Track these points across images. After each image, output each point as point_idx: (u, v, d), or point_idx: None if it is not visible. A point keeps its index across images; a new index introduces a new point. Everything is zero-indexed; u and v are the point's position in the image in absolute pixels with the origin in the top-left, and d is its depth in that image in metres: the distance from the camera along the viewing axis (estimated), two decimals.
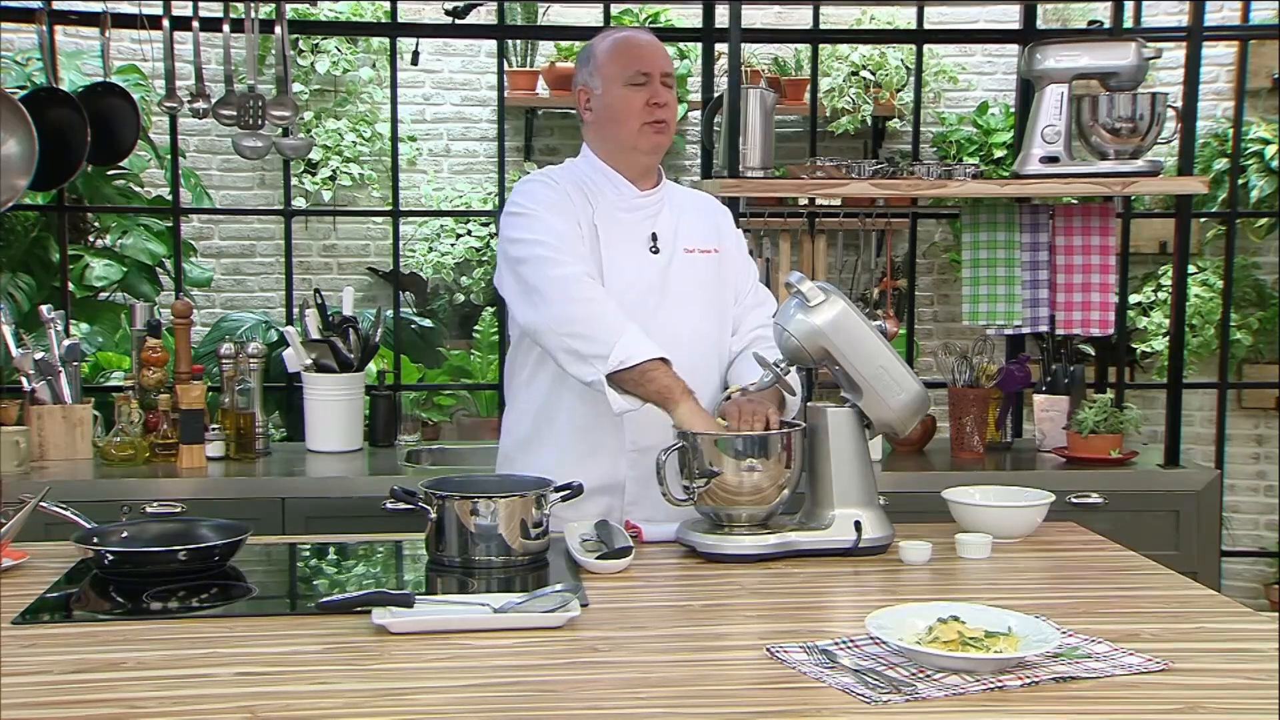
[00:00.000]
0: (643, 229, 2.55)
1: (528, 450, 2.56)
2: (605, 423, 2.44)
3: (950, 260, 5.41)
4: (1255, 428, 5.30)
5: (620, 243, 2.52)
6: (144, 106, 4.36)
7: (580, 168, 2.61)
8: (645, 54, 2.52)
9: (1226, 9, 5.05)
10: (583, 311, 2.34)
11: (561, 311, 2.36)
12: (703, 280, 2.57)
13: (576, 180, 2.56)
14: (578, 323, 2.34)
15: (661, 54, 2.54)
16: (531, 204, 2.51)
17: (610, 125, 2.54)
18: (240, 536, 2.19)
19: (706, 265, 2.58)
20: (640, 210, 2.56)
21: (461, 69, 5.60)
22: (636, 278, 2.51)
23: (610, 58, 2.52)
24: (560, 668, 1.70)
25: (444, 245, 5.42)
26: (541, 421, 2.55)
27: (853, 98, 5.27)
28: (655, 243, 2.55)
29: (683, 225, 2.59)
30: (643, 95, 2.50)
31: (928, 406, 2.35)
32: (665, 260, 2.54)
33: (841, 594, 2.12)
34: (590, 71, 2.55)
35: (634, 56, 2.51)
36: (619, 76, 2.50)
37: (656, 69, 2.51)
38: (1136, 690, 1.61)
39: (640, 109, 2.50)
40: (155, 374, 3.44)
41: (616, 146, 2.55)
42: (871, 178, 3.43)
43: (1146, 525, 3.27)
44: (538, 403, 2.56)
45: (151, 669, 1.69)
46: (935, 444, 3.63)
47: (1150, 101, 3.43)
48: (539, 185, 2.55)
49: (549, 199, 2.50)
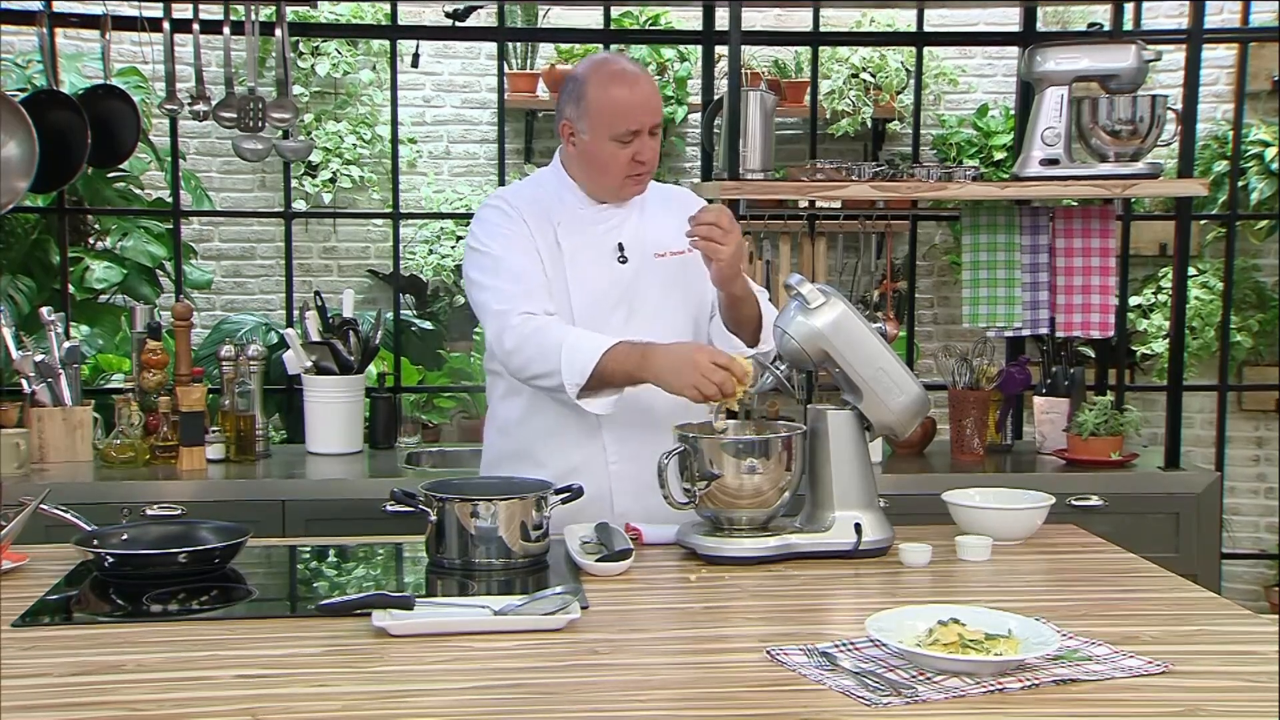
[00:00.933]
0: (609, 240, 2.52)
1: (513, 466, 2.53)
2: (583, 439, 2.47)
3: (950, 262, 5.41)
4: (1255, 430, 5.30)
5: (585, 257, 2.49)
6: (144, 109, 4.37)
7: (547, 182, 2.57)
8: (636, 113, 2.41)
9: (1226, 11, 5.06)
10: (534, 351, 2.37)
11: (517, 361, 2.41)
12: (673, 284, 2.53)
13: (538, 198, 2.52)
14: (533, 364, 2.38)
15: (652, 107, 2.44)
16: (488, 240, 2.49)
17: (591, 169, 2.48)
18: (240, 539, 2.19)
19: (677, 267, 2.52)
20: (605, 221, 2.52)
21: (462, 71, 5.61)
22: (603, 292, 2.49)
23: (600, 110, 2.41)
24: (560, 670, 1.70)
25: (444, 247, 5.42)
26: (522, 437, 2.54)
27: (853, 100, 5.27)
28: (622, 252, 2.51)
29: (651, 229, 2.54)
30: (629, 152, 2.43)
31: (928, 409, 2.35)
32: (634, 269, 2.51)
33: (842, 596, 2.12)
34: (578, 112, 2.44)
35: (625, 116, 2.41)
36: (606, 131, 2.42)
37: (646, 125, 2.43)
38: (1137, 693, 1.61)
39: (625, 164, 2.44)
40: (155, 376, 3.44)
41: (593, 185, 2.51)
42: (871, 180, 3.42)
43: (1147, 527, 3.27)
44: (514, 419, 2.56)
45: (152, 671, 1.69)
46: (935, 446, 3.63)
47: (1150, 104, 3.43)
48: (496, 214, 2.51)
49: (505, 234, 2.48)
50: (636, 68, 2.50)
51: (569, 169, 2.55)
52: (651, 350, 2.30)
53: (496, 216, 2.51)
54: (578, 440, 2.48)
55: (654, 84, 2.49)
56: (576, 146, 2.48)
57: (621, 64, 2.50)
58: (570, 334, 2.37)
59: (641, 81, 2.45)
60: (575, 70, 2.51)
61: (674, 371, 2.26)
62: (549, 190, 2.55)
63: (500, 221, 2.50)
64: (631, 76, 2.45)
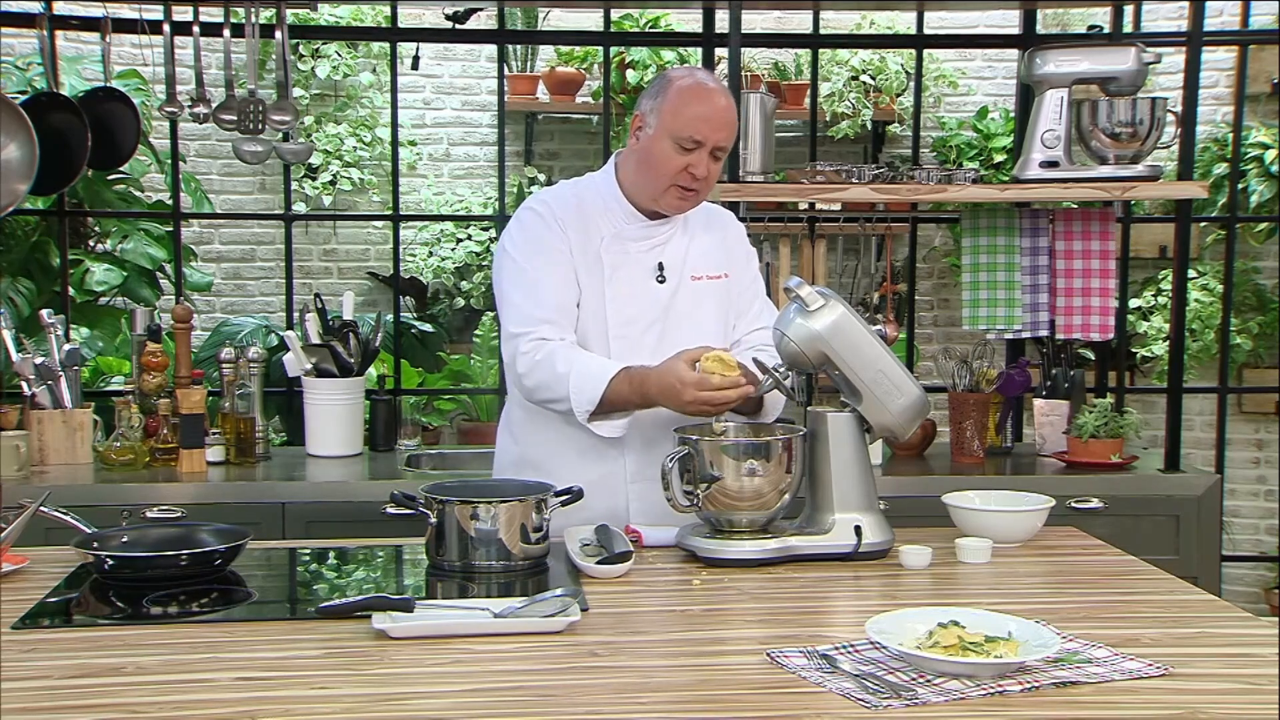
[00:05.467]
0: (649, 258, 2.51)
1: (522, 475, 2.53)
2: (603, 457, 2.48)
3: (950, 265, 5.41)
4: (1255, 432, 5.30)
5: (625, 274, 2.48)
6: (144, 111, 4.37)
7: (597, 187, 2.54)
8: (706, 126, 2.40)
9: (1226, 14, 5.07)
10: (544, 376, 2.40)
11: (528, 384, 2.44)
12: (708, 307, 2.54)
13: (583, 206, 2.50)
14: (542, 389, 2.41)
15: (722, 124, 2.42)
16: (523, 247, 2.48)
17: (645, 168, 2.46)
18: (240, 541, 2.19)
19: (713, 292, 2.54)
20: (649, 239, 2.51)
21: (462, 74, 5.61)
22: (639, 311, 2.48)
23: (672, 109, 2.41)
24: (560, 672, 1.70)
25: (444, 250, 5.42)
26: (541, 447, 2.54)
27: (853, 102, 5.27)
28: (662, 271, 2.51)
29: (693, 251, 2.54)
30: (685, 160, 2.41)
31: (927, 411, 2.35)
32: (671, 290, 2.51)
33: (842, 599, 2.12)
34: (654, 107, 2.44)
35: (692, 122, 2.40)
36: (672, 132, 2.40)
37: (710, 141, 2.41)
38: (1136, 695, 1.61)
39: (676, 171, 2.42)
40: (155, 379, 3.44)
41: (641, 188, 2.49)
42: (871, 182, 3.43)
43: (1146, 530, 3.27)
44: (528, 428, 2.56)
45: (151, 674, 1.69)
46: (935, 449, 3.63)
47: (1150, 106, 3.43)
48: (537, 221, 2.49)
49: (541, 245, 2.47)
50: (722, 88, 2.48)
51: (621, 171, 2.53)
52: (645, 380, 2.32)
53: (536, 224, 2.49)
54: (598, 458, 2.48)
55: (733, 109, 2.47)
56: (639, 140, 2.47)
57: (710, 80, 2.50)
58: (578, 361, 2.37)
59: (720, 98, 2.44)
60: (668, 70, 2.56)
61: (665, 398, 2.30)
62: (596, 198, 2.52)
63: (539, 230, 2.48)
64: (713, 91, 2.45)
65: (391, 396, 3.78)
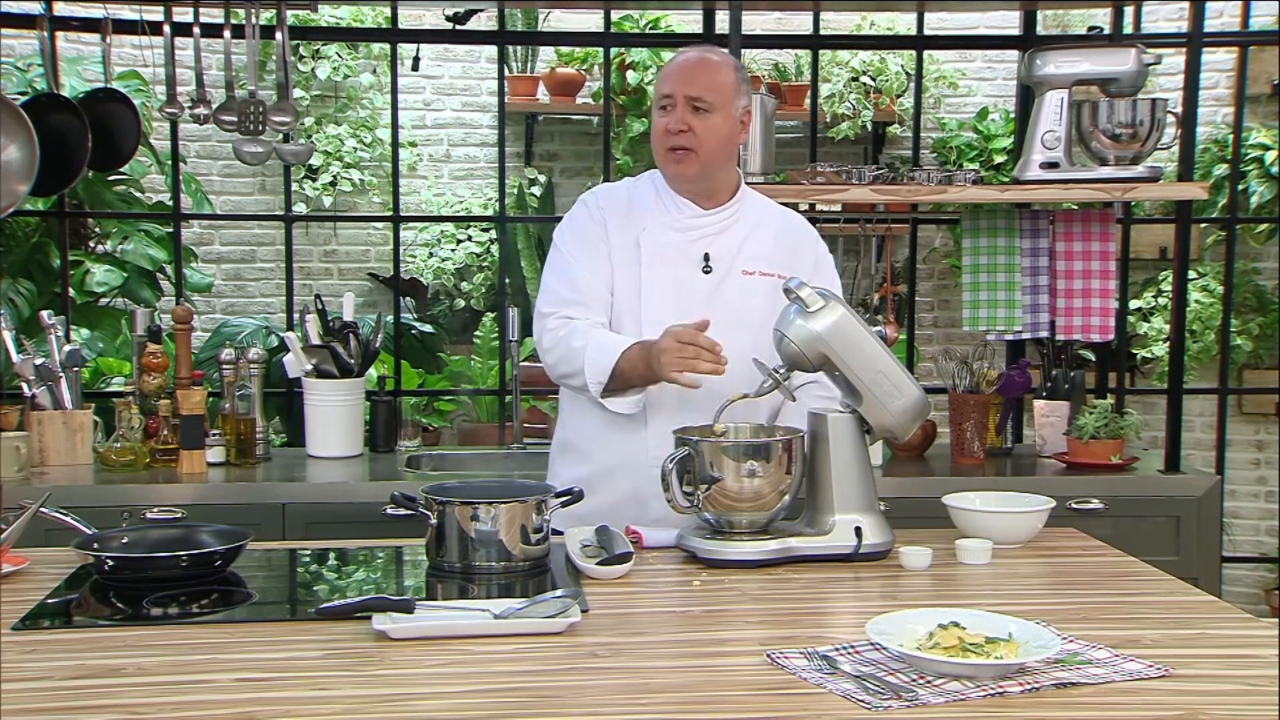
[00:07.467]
0: (695, 248, 2.51)
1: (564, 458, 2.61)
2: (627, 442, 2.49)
3: (950, 266, 5.42)
4: (1256, 433, 5.31)
5: (664, 262, 2.49)
6: (145, 112, 4.37)
7: (652, 181, 2.58)
8: (673, 77, 2.41)
9: (1226, 14, 5.07)
10: (563, 351, 2.44)
11: (549, 360, 2.50)
12: (755, 302, 2.49)
13: (631, 198, 2.54)
14: (561, 364, 2.47)
15: (689, 74, 2.42)
16: (566, 234, 2.55)
17: (651, 145, 2.53)
18: (240, 542, 2.19)
19: (765, 289, 2.49)
20: (695, 230, 2.51)
21: (462, 74, 5.61)
22: (677, 298, 2.48)
23: (658, 78, 2.51)
24: (560, 673, 1.70)
25: (444, 251, 5.42)
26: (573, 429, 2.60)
27: (853, 103, 5.27)
28: (708, 262, 2.51)
29: (749, 245, 2.53)
30: (664, 121, 2.43)
31: (928, 412, 2.35)
32: (717, 280, 2.51)
33: (842, 599, 2.12)
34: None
35: (663, 79, 2.43)
36: (654, 99, 2.46)
37: (680, 92, 2.40)
38: (1137, 696, 1.61)
39: (660, 134, 2.44)
40: (155, 379, 3.44)
41: (658, 166, 2.53)
42: (872, 183, 3.43)
43: (1147, 531, 3.27)
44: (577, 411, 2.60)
45: (152, 675, 1.69)
46: (935, 449, 3.63)
47: (1150, 107, 3.43)
48: (582, 211, 2.56)
49: (581, 233, 2.52)
50: (706, 50, 2.50)
51: None
52: (646, 348, 2.34)
53: (582, 215, 2.56)
54: (624, 439, 2.50)
55: (707, 62, 2.45)
56: None
57: (697, 47, 2.52)
58: (594, 336, 2.42)
59: (690, 54, 2.46)
60: None
61: (659, 362, 2.29)
62: (649, 191, 2.56)
63: (583, 219, 2.55)
64: (686, 51, 2.49)
65: (392, 397, 3.77)
